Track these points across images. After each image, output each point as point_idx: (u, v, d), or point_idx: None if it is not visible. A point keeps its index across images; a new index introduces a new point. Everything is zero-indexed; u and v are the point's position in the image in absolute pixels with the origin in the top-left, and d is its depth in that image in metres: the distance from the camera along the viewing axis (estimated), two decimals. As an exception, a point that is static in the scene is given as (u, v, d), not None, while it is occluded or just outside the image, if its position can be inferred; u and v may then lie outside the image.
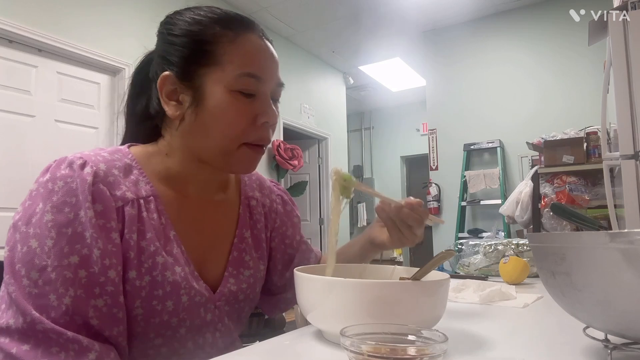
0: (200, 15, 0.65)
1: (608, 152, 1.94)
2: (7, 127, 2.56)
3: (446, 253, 0.60)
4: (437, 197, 4.49)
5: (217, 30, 0.63)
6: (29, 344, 0.51)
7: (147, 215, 0.61)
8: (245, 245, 0.74)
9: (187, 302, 0.63)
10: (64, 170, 0.58)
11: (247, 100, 0.63)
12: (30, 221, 0.55)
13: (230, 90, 0.62)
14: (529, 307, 0.81)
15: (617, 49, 1.74)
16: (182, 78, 0.64)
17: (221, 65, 0.62)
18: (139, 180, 0.63)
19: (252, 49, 0.64)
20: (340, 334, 0.41)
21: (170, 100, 0.64)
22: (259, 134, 0.65)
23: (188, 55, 0.63)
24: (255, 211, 0.79)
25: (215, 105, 0.62)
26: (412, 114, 7.08)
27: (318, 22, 4.51)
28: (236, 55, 0.63)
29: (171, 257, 0.62)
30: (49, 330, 0.51)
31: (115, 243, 0.57)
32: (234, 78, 0.62)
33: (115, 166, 0.62)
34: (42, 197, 0.56)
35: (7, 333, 0.51)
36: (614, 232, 0.40)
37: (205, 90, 0.62)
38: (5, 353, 0.50)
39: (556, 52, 3.97)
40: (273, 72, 0.67)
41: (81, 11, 2.91)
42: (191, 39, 0.63)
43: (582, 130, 2.98)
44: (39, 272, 0.53)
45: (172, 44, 0.65)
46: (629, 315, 0.41)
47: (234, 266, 0.72)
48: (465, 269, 1.30)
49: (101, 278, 0.55)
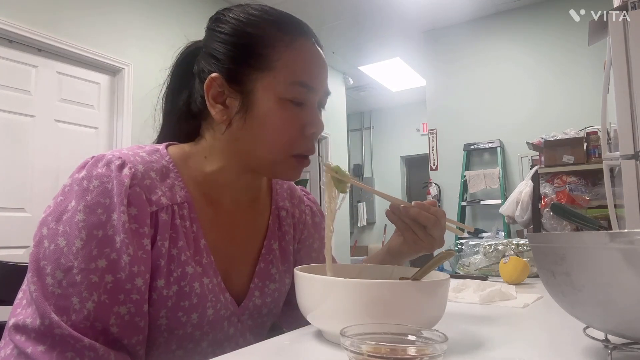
0: (255, 15, 0.62)
1: (608, 152, 1.95)
2: (7, 127, 2.56)
3: (446, 253, 0.60)
4: (437, 197, 4.49)
5: (273, 33, 0.60)
6: (45, 344, 0.49)
7: (180, 223, 0.59)
8: (273, 257, 0.72)
9: (212, 316, 0.61)
10: (101, 169, 0.56)
11: (296, 109, 0.61)
12: (60, 218, 0.54)
13: (281, 98, 0.60)
14: (529, 307, 0.81)
15: (617, 49, 1.74)
16: (231, 81, 0.60)
17: (274, 70, 0.59)
18: (175, 185, 0.61)
19: (306, 56, 0.62)
20: (340, 334, 0.41)
21: (217, 103, 0.61)
22: (306, 144, 0.63)
23: (239, 56, 0.60)
24: (285, 222, 0.76)
25: (265, 114, 0.60)
26: (412, 114, 7.08)
27: (318, 23, 4.51)
28: (290, 61, 0.60)
29: (200, 267, 0.61)
30: (66, 336, 0.49)
31: (146, 250, 0.55)
32: (286, 86, 0.60)
33: (152, 168, 0.59)
34: (75, 194, 0.54)
35: (24, 331, 0.50)
36: (614, 232, 0.40)
37: (256, 96, 0.60)
38: (20, 351, 0.49)
39: (556, 52, 3.97)
40: (324, 81, 0.65)
41: (81, 11, 2.91)
42: (245, 40, 0.60)
43: (582, 130, 2.98)
44: (64, 273, 0.51)
45: (222, 43, 0.61)
46: (629, 315, 0.41)
47: (260, 278, 0.69)
48: (465, 269, 1.29)
49: (127, 285, 0.53)
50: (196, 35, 0.71)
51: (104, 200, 0.54)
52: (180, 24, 3.44)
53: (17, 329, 0.51)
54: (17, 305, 0.53)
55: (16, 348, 0.50)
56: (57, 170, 2.75)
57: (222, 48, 0.61)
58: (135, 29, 3.22)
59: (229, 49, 0.61)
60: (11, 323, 0.51)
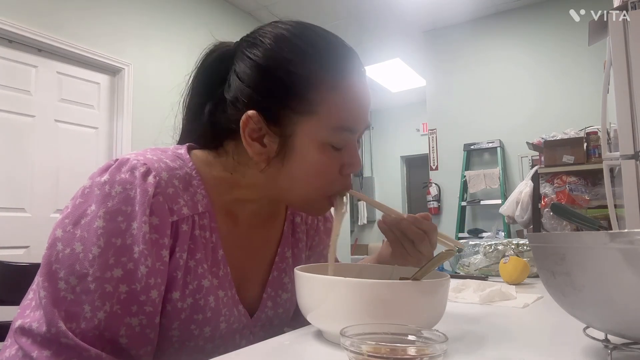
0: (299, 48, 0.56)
1: (608, 152, 1.95)
2: (7, 127, 2.56)
3: (446, 253, 0.60)
4: (437, 197, 4.49)
5: (318, 73, 0.56)
6: (51, 350, 0.48)
7: (200, 234, 0.58)
8: (286, 265, 0.71)
9: (224, 330, 0.60)
10: (125, 174, 0.53)
11: (335, 152, 0.58)
12: (78, 222, 0.52)
13: (323, 143, 0.57)
14: (529, 307, 0.81)
15: (617, 49, 1.74)
16: (270, 121, 0.56)
17: (317, 115, 0.55)
18: (197, 193, 0.58)
19: (352, 99, 0.57)
20: (340, 334, 0.41)
21: (253, 140, 0.57)
22: (342, 184, 0.61)
23: (280, 96, 0.56)
24: (299, 229, 0.75)
25: (305, 158, 0.57)
26: (412, 114, 7.08)
27: (318, 23, 4.48)
28: (335, 105, 0.56)
29: (216, 280, 0.60)
30: (72, 347, 0.48)
31: (164, 261, 0.54)
32: (328, 131, 0.56)
33: (176, 176, 0.57)
34: (96, 198, 0.52)
35: (30, 334, 0.49)
36: (614, 232, 0.40)
37: (296, 140, 0.56)
38: (25, 353, 0.49)
39: (556, 52, 3.97)
40: (366, 119, 0.61)
41: (81, 11, 2.91)
42: (286, 79, 0.55)
43: (582, 130, 2.98)
44: (78, 279, 0.50)
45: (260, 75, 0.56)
46: (629, 315, 0.41)
47: (273, 287, 0.68)
48: (465, 269, 1.29)
49: (142, 297, 0.52)
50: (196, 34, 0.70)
51: (126, 208, 0.52)
52: (180, 24, 3.43)
53: (23, 332, 0.50)
54: (26, 307, 0.52)
55: (21, 350, 0.49)
56: (57, 170, 2.75)
57: (259, 79, 0.56)
58: (135, 29, 3.22)
59: (267, 85, 0.56)
60: (18, 324, 0.51)
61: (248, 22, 4.34)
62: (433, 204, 4.49)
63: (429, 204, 4.51)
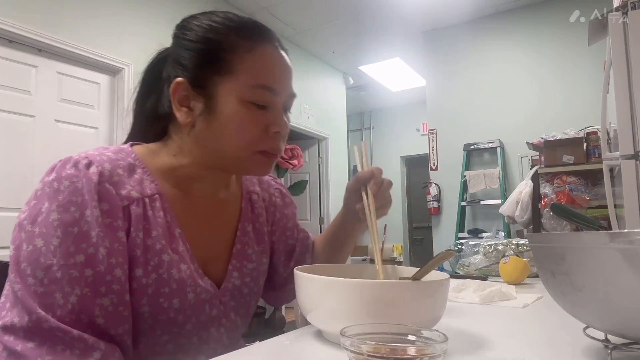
0: (217, 21, 0.65)
1: (608, 152, 1.95)
2: (7, 127, 2.56)
3: (446, 253, 0.60)
4: (437, 197, 4.49)
5: (234, 39, 0.63)
6: (34, 341, 0.51)
7: (153, 214, 0.62)
8: (248, 238, 0.75)
9: (193, 299, 0.63)
10: (70, 170, 0.58)
11: (259, 111, 0.63)
12: (35, 220, 0.55)
13: (243, 100, 0.62)
14: (529, 307, 0.81)
15: (617, 49, 1.74)
16: (195, 85, 0.63)
17: (236, 75, 0.62)
18: (143, 179, 0.63)
19: (268, 61, 0.64)
20: (340, 334, 0.41)
21: (182, 106, 0.64)
22: (270, 143, 0.65)
23: (202, 62, 0.63)
24: (257, 205, 0.80)
25: (227, 115, 0.62)
26: (412, 114, 7.08)
27: (318, 22, 4.51)
28: (252, 65, 0.62)
29: (177, 255, 0.63)
30: (54, 329, 0.51)
31: (122, 242, 0.58)
32: (248, 89, 0.62)
33: (119, 166, 0.62)
34: (47, 196, 0.56)
35: (12, 331, 0.52)
36: (614, 232, 0.40)
37: (218, 99, 0.62)
38: (10, 351, 0.50)
39: (556, 52, 3.97)
40: (287, 84, 0.67)
41: (81, 11, 2.91)
42: (207, 46, 0.63)
43: (582, 130, 2.98)
44: (44, 271, 0.53)
45: (187, 49, 0.65)
46: (629, 315, 0.41)
47: (238, 259, 0.73)
48: (465, 269, 1.30)
49: (107, 277, 0.55)
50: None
51: (76, 198, 0.56)
52: (180, 24, 3.43)
53: (5, 330, 0.52)
54: (1, 309, 0.55)
55: (6, 349, 0.51)
56: (57, 170, 2.74)
57: (186, 54, 0.64)
58: (135, 29, 3.22)
59: (192, 55, 0.64)
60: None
61: (248, 22, 4.33)
62: (433, 204, 4.48)
63: (429, 204, 4.51)
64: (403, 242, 7.17)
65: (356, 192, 0.75)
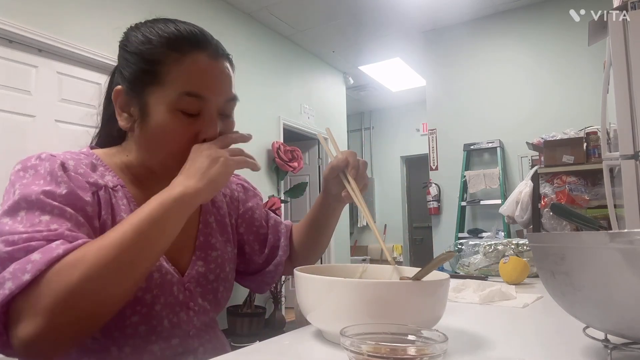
0: (152, 34, 0.68)
1: (608, 152, 1.94)
2: (7, 127, 2.56)
3: (447, 254, 0.60)
4: (437, 197, 4.49)
5: (164, 51, 0.66)
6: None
7: (117, 202, 0.66)
8: (210, 229, 0.78)
9: (158, 279, 0.66)
10: (35, 161, 0.61)
11: (188, 119, 0.66)
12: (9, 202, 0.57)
13: (172, 109, 0.65)
14: (529, 307, 0.81)
15: (617, 49, 1.74)
16: (131, 94, 0.67)
17: (165, 85, 0.65)
18: (105, 174, 0.68)
19: (196, 69, 0.66)
20: (340, 334, 0.41)
21: (122, 112, 0.68)
22: None
23: (136, 72, 0.67)
24: (217, 199, 0.83)
25: (157, 123, 0.65)
26: (412, 114, 7.08)
27: (318, 22, 4.51)
28: (179, 75, 0.65)
29: None
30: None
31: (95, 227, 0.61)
32: (175, 97, 0.64)
33: (82, 162, 0.66)
34: (15, 182, 0.59)
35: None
36: (614, 232, 0.40)
37: (149, 108, 0.65)
38: None
39: (556, 52, 3.97)
40: (220, 90, 0.68)
41: (81, 11, 2.91)
42: (140, 57, 0.67)
43: (582, 130, 2.98)
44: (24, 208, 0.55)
45: (125, 59, 0.69)
46: (629, 315, 0.41)
47: (201, 250, 0.75)
48: (465, 269, 1.30)
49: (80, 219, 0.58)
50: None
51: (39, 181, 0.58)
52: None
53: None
54: None
55: None
56: (57, 170, 2.75)
57: (124, 64, 0.69)
58: (135, 29, 3.21)
59: (129, 65, 0.68)
60: None
61: (249, 24, 4.34)
62: (433, 204, 4.48)
63: (429, 204, 4.51)
64: (403, 242, 7.17)
65: (334, 179, 0.77)
